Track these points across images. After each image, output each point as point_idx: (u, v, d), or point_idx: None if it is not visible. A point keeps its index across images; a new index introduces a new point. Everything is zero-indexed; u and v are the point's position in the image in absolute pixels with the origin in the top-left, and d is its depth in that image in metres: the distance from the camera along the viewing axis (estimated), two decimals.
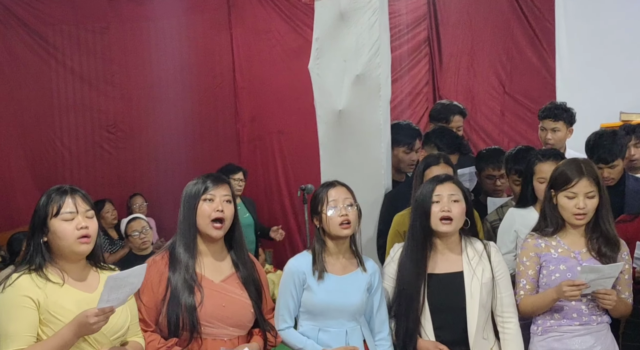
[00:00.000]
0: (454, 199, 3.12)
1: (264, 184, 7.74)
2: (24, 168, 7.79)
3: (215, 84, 7.82)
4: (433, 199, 3.12)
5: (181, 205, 2.94)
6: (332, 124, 4.13)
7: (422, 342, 3.08)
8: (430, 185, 3.17)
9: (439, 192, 3.13)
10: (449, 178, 3.22)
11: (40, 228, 2.57)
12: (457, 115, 5.06)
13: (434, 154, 3.89)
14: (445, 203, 3.11)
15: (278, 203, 7.69)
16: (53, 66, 7.77)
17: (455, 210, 3.11)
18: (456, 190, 3.16)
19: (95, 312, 2.43)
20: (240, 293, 2.92)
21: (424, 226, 3.12)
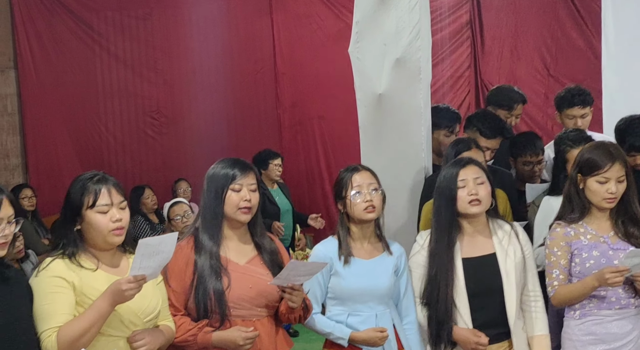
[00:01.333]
0: (479, 182, 3.09)
1: (305, 169, 7.77)
2: (71, 153, 7.96)
3: (256, 69, 7.85)
4: (458, 184, 3.08)
5: (205, 186, 2.92)
6: (372, 108, 4.11)
7: (460, 330, 3.04)
8: (453, 170, 3.12)
9: (464, 177, 3.09)
10: (471, 161, 3.18)
11: (73, 217, 2.60)
12: (520, 103, 4.96)
13: (463, 139, 3.83)
14: (472, 186, 3.07)
15: (319, 188, 7.72)
16: (97, 52, 7.90)
17: (482, 192, 3.07)
18: (480, 172, 3.12)
19: (128, 279, 2.45)
20: (265, 273, 2.92)
21: (449, 212, 3.09)
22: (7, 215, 2.38)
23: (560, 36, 7.29)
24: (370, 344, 3.02)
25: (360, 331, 3.02)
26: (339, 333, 3.04)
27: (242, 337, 2.78)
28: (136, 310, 2.61)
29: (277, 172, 6.55)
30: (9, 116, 7.89)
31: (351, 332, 3.03)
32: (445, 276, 3.05)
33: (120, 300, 2.47)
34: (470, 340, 3.01)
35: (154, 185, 7.25)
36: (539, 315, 3.12)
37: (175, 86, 7.88)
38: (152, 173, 7.75)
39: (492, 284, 3.07)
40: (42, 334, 2.46)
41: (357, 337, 3.02)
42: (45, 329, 2.46)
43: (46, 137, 7.93)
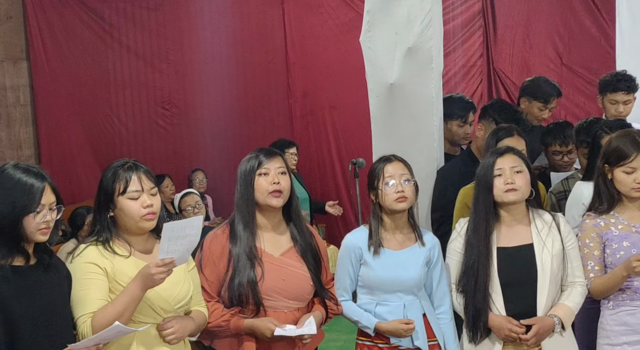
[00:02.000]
0: (516, 170, 3.07)
1: (316, 158, 7.76)
2: (83, 144, 7.99)
3: (268, 59, 7.84)
4: (495, 173, 3.07)
5: (237, 182, 2.98)
6: (384, 98, 4.09)
7: (494, 317, 3.03)
8: (490, 159, 3.11)
9: (500, 165, 3.07)
10: (509, 150, 3.16)
11: (107, 204, 2.66)
12: (556, 97, 4.89)
13: (505, 126, 3.77)
14: (508, 175, 3.05)
15: (331, 178, 7.71)
16: (109, 43, 7.92)
17: (519, 181, 3.05)
18: (518, 161, 3.10)
19: (157, 263, 2.49)
20: (299, 266, 2.96)
21: (486, 200, 3.07)
22: (49, 202, 2.44)
23: (573, 24, 7.23)
24: (396, 335, 3.04)
25: (386, 322, 3.04)
26: (365, 322, 3.07)
27: (270, 331, 2.83)
28: (167, 297, 2.66)
29: (293, 160, 6.58)
30: (21, 107, 7.93)
31: (377, 322, 3.05)
32: (481, 266, 3.04)
33: (151, 284, 2.53)
34: (503, 327, 3.01)
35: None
36: (573, 293, 3.08)
37: (187, 77, 7.89)
38: (164, 164, 7.77)
39: (526, 275, 3.05)
40: (78, 320, 2.54)
41: (383, 327, 3.05)
42: (81, 315, 2.54)
43: (59, 128, 7.96)
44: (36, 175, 2.43)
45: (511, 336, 3.00)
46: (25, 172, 2.42)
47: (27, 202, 2.38)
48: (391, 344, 3.07)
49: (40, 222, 2.41)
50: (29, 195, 2.38)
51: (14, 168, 2.43)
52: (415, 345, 3.07)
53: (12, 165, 2.45)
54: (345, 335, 3.24)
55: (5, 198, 2.37)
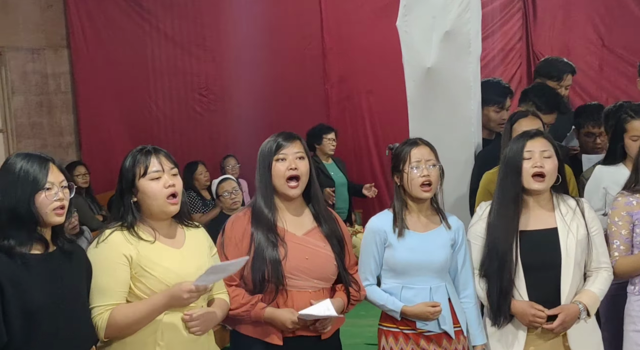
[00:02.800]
0: (546, 155, 3.01)
1: (352, 144, 7.75)
2: (122, 131, 8.10)
3: (304, 44, 7.83)
4: (524, 156, 3.01)
5: (257, 164, 2.96)
6: (421, 82, 4.05)
7: (517, 303, 2.99)
8: (520, 141, 3.06)
9: (530, 148, 3.02)
10: (539, 133, 3.11)
11: (129, 189, 2.64)
12: (569, 74, 4.85)
13: (521, 110, 3.75)
14: (537, 159, 3.00)
15: (367, 163, 7.70)
16: (147, 30, 7.99)
17: (547, 166, 3.00)
18: (547, 145, 3.04)
19: (190, 289, 2.50)
20: (323, 245, 2.94)
21: (515, 183, 3.02)
22: (59, 180, 2.42)
23: (614, 5, 7.08)
24: (422, 318, 3.00)
25: (412, 305, 3.01)
26: (391, 306, 3.04)
27: (291, 321, 2.82)
28: None
29: (331, 146, 6.58)
30: (62, 94, 8.06)
31: (403, 306, 3.02)
32: (506, 249, 2.99)
33: (177, 305, 2.55)
34: (527, 313, 2.97)
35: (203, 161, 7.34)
36: (598, 279, 3.03)
37: (224, 63, 7.92)
38: (201, 150, 7.84)
39: (550, 259, 3.00)
40: (94, 309, 2.53)
41: (409, 311, 3.01)
42: (98, 305, 2.53)
43: (98, 115, 8.08)
44: (39, 158, 2.43)
45: (535, 322, 2.96)
46: (27, 157, 2.43)
47: (34, 181, 2.37)
48: (417, 329, 3.03)
49: (53, 201, 2.38)
50: (34, 175, 2.38)
51: (17, 156, 2.44)
52: (441, 330, 3.04)
53: (16, 154, 2.46)
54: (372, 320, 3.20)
55: (13, 185, 2.37)
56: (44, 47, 7.82)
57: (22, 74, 7.51)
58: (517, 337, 3.03)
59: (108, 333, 2.52)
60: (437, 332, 3.04)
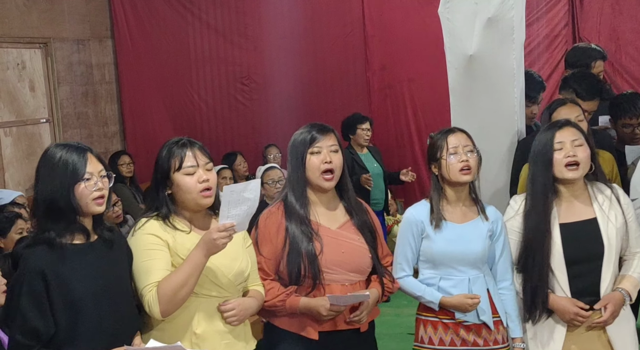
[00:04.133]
0: (577, 144, 2.96)
1: (394, 132, 7.70)
2: (165, 120, 8.19)
3: (346, 32, 7.78)
4: (555, 147, 2.96)
5: (289, 155, 2.95)
6: (463, 70, 4.01)
7: (558, 299, 2.96)
8: (549, 133, 3.00)
9: (561, 139, 2.96)
10: (568, 123, 3.05)
11: (164, 181, 2.66)
12: (599, 60, 4.73)
13: (559, 99, 3.69)
14: (569, 148, 2.94)
15: (409, 151, 7.64)
16: (190, 20, 8.04)
17: (580, 154, 2.95)
18: (578, 134, 2.99)
19: (218, 227, 2.50)
20: (357, 238, 2.94)
21: (545, 176, 2.97)
22: (97, 170, 2.44)
23: None
24: (461, 309, 2.98)
25: (451, 296, 2.99)
26: (429, 297, 3.02)
27: (325, 308, 2.81)
28: (227, 272, 2.67)
29: (366, 136, 6.51)
30: (107, 85, 8.18)
31: (442, 297, 3.00)
32: (541, 242, 2.95)
33: (214, 250, 2.53)
34: (569, 310, 2.93)
35: (244, 151, 7.38)
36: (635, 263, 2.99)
37: (265, 52, 7.93)
38: (243, 139, 7.88)
39: (592, 250, 2.95)
40: (143, 290, 2.55)
41: (448, 302, 2.99)
42: (146, 285, 2.55)
43: (142, 104, 8.18)
44: (76, 148, 2.43)
45: (577, 320, 2.92)
46: (66, 147, 2.43)
47: (73, 172, 2.37)
48: (456, 319, 3.01)
49: (92, 191, 2.40)
50: (73, 166, 2.38)
51: (55, 147, 2.45)
52: (480, 321, 3.01)
53: (54, 145, 2.48)
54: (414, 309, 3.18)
55: (52, 175, 2.38)
56: (89, 38, 7.93)
57: (67, 65, 7.63)
58: (554, 336, 2.99)
59: (163, 307, 2.52)
60: (476, 323, 3.01)
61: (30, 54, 7.29)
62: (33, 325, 2.31)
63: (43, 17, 7.31)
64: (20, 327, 2.32)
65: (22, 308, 2.31)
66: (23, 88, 7.17)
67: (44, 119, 7.44)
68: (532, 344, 3.04)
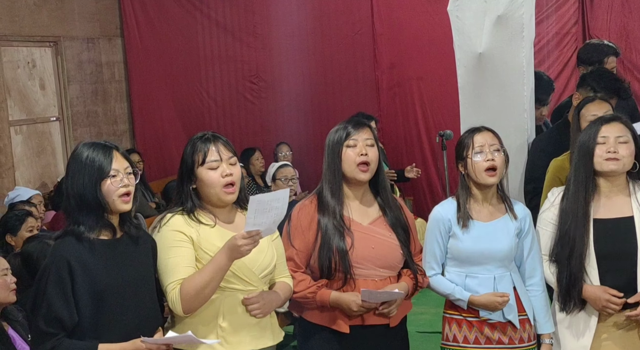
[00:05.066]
0: (621, 141, 2.93)
1: (403, 131, 7.68)
2: (174, 119, 8.21)
3: (354, 30, 7.78)
4: (598, 141, 2.94)
5: (325, 153, 2.97)
6: (472, 68, 4.00)
7: (589, 287, 2.94)
8: (595, 126, 2.98)
9: (605, 134, 2.94)
10: (616, 118, 3.02)
11: (188, 176, 2.69)
12: (612, 56, 4.69)
13: (590, 96, 3.66)
14: (612, 144, 2.92)
15: (418, 150, 7.63)
16: (199, 19, 8.06)
17: (622, 151, 2.92)
18: (624, 130, 2.96)
19: (243, 235, 2.51)
20: (388, 235, 2.95)
21: (587, 168, 2.95)
22: (123, 167, 2.49)
23: None
24: (490, 308, 2.98)
25: (480, 295, 2.98)
26: (458, 295, 3.01)
27: (356, 304, 2.83)
28: (251, 265, 2.68)
29: None
30: (116, 83, 8.21)
31: (470, 295, 2.99)
32: (577, 235, 2.93)
33: (237, 256, 2.55)
34: (600, 298, 2.91)
35: None
36: None
37: (274, 50, 7.93)
38: (251, 137, 7.89)
39: (625, 248, 2.93)
40: (167, 287, 2.59)
41: (476, 300, 2.99)
42: (170, 282, 2.58)
43: (151, 103, 8.21)
44: (103, 146, 2.50)
45: (609, 307, 2.90)
46: (93, 146, 2.50)
47: (99, 169, 2.44)
48: (480, 317, 3.01)
49: (119, 187, 2.45)
50: (99, 163, 2.45)
51: (84, 145, 2.52)
52: (506, 319, 3.01)
53: (83, 143, 2.55)
54: (434, 308, 3.19)
55: (80, 172, 2.45)
56: (99, 37, 7.96)
57: (77, 63, 7.66)
58: (589, 325, 2.98)
59: (185, 305, 2.56)
60: (501, 322, 3.01)
61: (41, 53, 7.32)
62: (57, 314, 2.37)
63: (53, 16, 7.34)
64: (45, 316, 2.37)
65: (48, 296, 2.37)
66: (33, 86, 7.21)
67: (54, 117, 7.48)
68: (568, 333, 3.02)
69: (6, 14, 6.75)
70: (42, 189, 6.99)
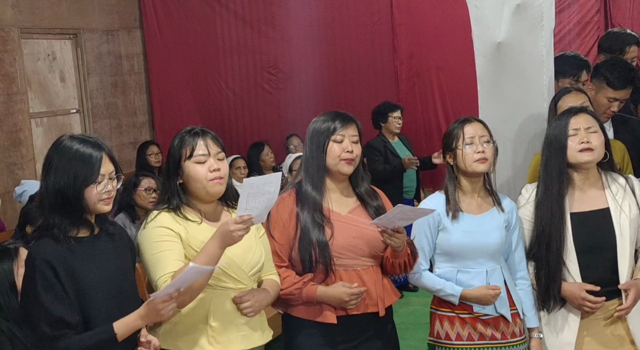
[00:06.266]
0: (591, 131, 2.92)
1: (422, 121, 7.66)
2: (193, 110, 8.23)
3: (373, 21, 7.75)
4: (569, 133, 2.92)
5: (307, 141, 2.93)
6: (491, 57, 3.95)
7: (567, 285, 2.92)
8: (564, 119, 2.97)
9: (575, 126, 2.93)
10: (583, 109, 3.02)
11: (175, 170, 2.65)
12: (634, 45, 4.62)
13: (565, 87, 3.64)
14: (583, 135, 2.91)
15: (437, 140, 7.56)
16: (217, 10, 8.07)
17: (594, 141, 2.91)
18: (592, 121, 2.95)
19: (236, 220, 2.47)
20: (368, 223, 2.90)
21: (559, 162, 2.93)
22: (109, 172, 2.41)
23: None
24: (483, 301, 2.95)
25: (471, 288, 2.95)
26: (449, 290, 2.98)
27: (347, 293, 2.80)
28: (240, 263, 2.66)
29: (397, 124, 6.52)
30: (135, 75, 8.24)
31: (462, 290, 2.96)
32: (554, 230, 2.92)
33: (230, 242, 2.50)
34: (576, 296, 2.89)
35: (271, 140, 7.38)
36: None
37: (292, 41, 7.92)
38: (269, 128, 7.89)
39: (603, 240, 2.92)
40: (158, 281, 2.53)
41: (469, 294, 2.96)
42: (161, 276, 2.53)
43: (170, 94, 8.23)
44: (93, 145, 2.39)
45: (585, 305, 2.88)
46: (83, 143, 2.39)
47: (87, 173, 2.35)
48: (474, 313, 2.98)
49: (101, 192, 2.38)
50: (88, 165, 2.36)
51: (71, 139, 2.40)
52: (498, 313, 2.98)
53: (69, 136, 2.43)
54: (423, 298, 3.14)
55: (65, 170, 2.35)
56: (118, 29, 7.99)
57: (97, 55, 7.70)
58: (568, 321, 2.95)
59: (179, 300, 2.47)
60: (494, 316, 2.98)
61: (61, 45, 7.36)
62: (58, 316, 2.30)
63: (73, 8, 7.38)
64: (46, 321, 2.30)
65: (43, 302, 2.30)
66: (54, 79, 7.26)
67: (74, 110, 7.52)
68: (547, 330, 3.01)
69: (26, 7, 6.79)
70: None
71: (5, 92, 6.45)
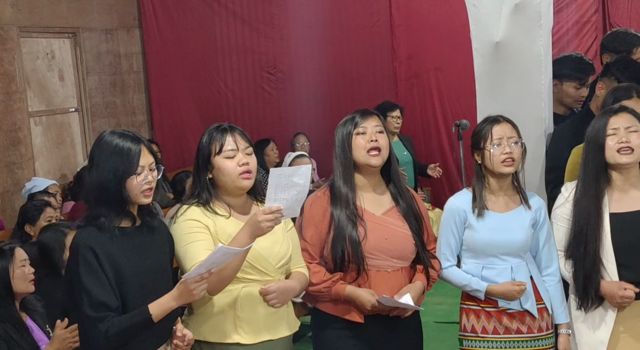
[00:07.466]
0: (632, 130, 2.91)
1: (421, 121, 7.67)
2: (192, 110, 8.24)
3: (372, 21, 7.76)
4: (608, 132, 2.92)
5: (335, 144, 2.98)
6: (489, 57, 3.96)
7: (606, 283, 2.92)
8: (603, 118, 2.96)
9: (615, 125, 2.92)
10: (623, 109, 3.00)
11: (205, 166, 2.72)
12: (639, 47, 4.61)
13: (623, 86, 3.56)
14: (623, 134, 2.90)
15: (436, 141, 7.61)
16: (216, 9, 8.07)
17: (635, 140, 2.89)
18: (633, 121, 2.93)
19: (264, 210, 2.53)
20: (401, 225, 2.95)
21: (597, 162, 2.93)
22: (148, 163, 2.50)
23: None
24: (508, 297, 2.97)
25: (497, 284, 2.98)
26: (475, 286, 3.01)
27: (371, 303, 2.84)
28: (267, 255, 2.70)
29: (396, 124, 6.53)
30: (134, 74, 8.24)
31: (488, 285, 2.99)
32: (592, 230, 2.92)
33: (258, 233, 2.55)
34: (615, 294, 2.90)
35: None
36: None
37: (291, 41, 7.93)
38: (269, 128, 7.90)
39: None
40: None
41: (494, 290, 2.98)
42: (192, 265, 2.57)
43: (169, 94, 8.24)
44: (132, 138, 2.48)
45: (624, 303, 2.89)
46: (122, 137, 2.48)
47: (127, 165, 2.44)
48: (499, 307, 3.01)
49: (142, 183, 2.46)
50: (127, 158, 2.44)
51: (111, 135, 2.50)
52: (524, 308, 3.00)
53: (109, 132, 2.53)
54: (451, 298, 3.19)
55: (106, 164, 2.45)
56: (117, 28, 7.99)
57: (96, 55, 7.70)
58: (605, 318, 2.96)
59: (211, 287, 2.55)
60: (519, 310, 3.00)
61: (60, 44, 7.36)
62: (100, 299, 2.38)
63: (72, 7, 7.38)
64: (89, 304, 2.38)
65: (86, 285, 2.38)
66: (52, 77, 7.26)
67: (73, 108, 7.52)
68: (584, 327, 3.01)
69: (25, 6, 6.79)
70: (62, 179, 7.05)
71: (4, 91, 6.45)
